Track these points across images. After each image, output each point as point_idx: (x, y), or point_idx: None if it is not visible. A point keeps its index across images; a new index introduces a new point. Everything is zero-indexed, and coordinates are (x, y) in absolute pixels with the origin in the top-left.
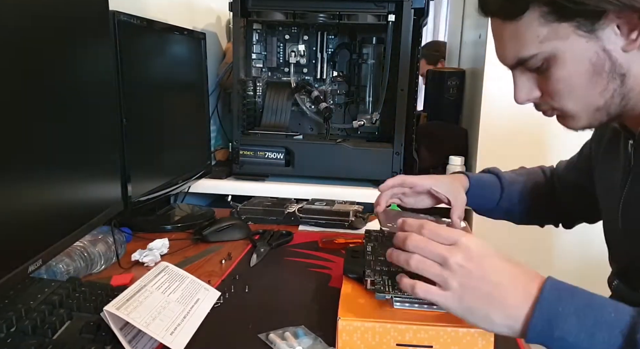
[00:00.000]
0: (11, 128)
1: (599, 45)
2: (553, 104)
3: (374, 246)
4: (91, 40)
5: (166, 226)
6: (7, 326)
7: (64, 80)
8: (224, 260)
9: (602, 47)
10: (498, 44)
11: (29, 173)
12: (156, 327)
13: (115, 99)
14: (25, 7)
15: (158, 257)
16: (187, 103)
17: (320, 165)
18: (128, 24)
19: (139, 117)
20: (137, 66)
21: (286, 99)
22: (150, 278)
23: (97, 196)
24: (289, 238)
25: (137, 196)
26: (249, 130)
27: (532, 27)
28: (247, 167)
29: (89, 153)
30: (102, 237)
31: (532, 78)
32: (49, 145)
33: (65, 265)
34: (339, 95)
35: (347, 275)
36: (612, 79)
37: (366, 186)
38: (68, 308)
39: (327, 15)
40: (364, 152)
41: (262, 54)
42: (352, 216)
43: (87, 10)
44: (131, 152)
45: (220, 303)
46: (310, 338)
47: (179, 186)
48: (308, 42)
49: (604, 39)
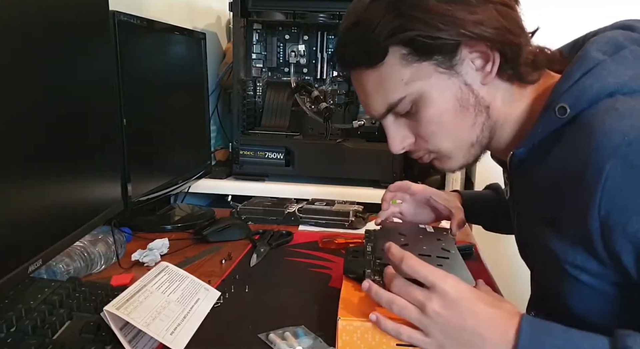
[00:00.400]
0: (11, 128)
1: (460, 80)
2: (428, 147)
3: (374, 246)
4: (91, 40)
5: (166, 226)
6: (7, 326)
7: (64, 80)
8: (224, 260)
9: (463, 82)
10: (364, 95)
11: (29, 173)
12: (156, 327)
13: (115, 99)
14: (25, 7)
15: (158, 257)
16: (187, 103)
17: (320, 165)
18: (128, 24)
19: (139, 117)
20: (137, 66)
21: (286, 99)
22: (150, 278)
23: (97, 196)
24: (289, 238)
25: (137, 196)
26: (249, 130)
27: (395, 70)
28: (247, 167)
29: (89, 153)
30: (102, 237)
31: (403, 124)
32: (49, 145)
33: (65, 265)
34: (339, 95)
35: (347, 275)
36: (479, 112)
37: (366, 186)
38: (68, 308)
39: (327, 15)
40: (364, 152)
41: (262, 54)
42: (352, 216)
43: (87, 10)
44: (131, 152)
45: (220, 303)
46: (310, 338)
47: (179, 186)
48: (308, 42)
49: (463, 74)
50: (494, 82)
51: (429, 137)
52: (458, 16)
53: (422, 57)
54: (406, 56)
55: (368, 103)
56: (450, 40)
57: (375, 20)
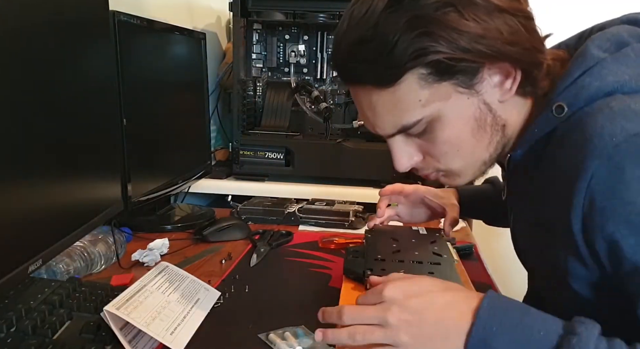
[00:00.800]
0: (11, 128)
1: (479, 99)
2: (438, 166)
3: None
4: (91, 40)
5: (166, 226)
6: (7, 326)
7: (64, 80)
8: (224, 260)
9: (482, 101)
10: (371, 114)
11: (29, 173)
12: (156, 327)
13: (115, 99)
14: (25, 7)
15: (158, 257)
16: (187, 103)
17: (320, 165)
18: (128, 24)
19: (139, 117)
20: (137, 66)
21: (286, 99)
22: (150, 278)
23: (97, 196)
24: (289, 238)
25: (137, 196)
26: (249, 130)
27: (412, 91)
28: (247, 167)
29: (89, 153)
30: (102, 237)
31: (412, 143)
32: (49, 145)
33: (65, 265)
34: (339, 95)
35: (347, 275)
36: (495, 132)
37: (366, 186)
38: (68, 308)
39: (327, 15)
40: (364, 152)
41: (262, 54)
42: (352, 216)
43: (87, 10)
44: (131, 152)
45: (220, 303)
46: (310, 338)
47: (179, 186)
48: (308, 42)
49: (482, 92)
50: (511, 98)
51: (440, 156)
52: (487, 35)
53: (443, 77)
54: (426, 77)
55: (376, 123)
56: (477, 61)
57: (393, 37)
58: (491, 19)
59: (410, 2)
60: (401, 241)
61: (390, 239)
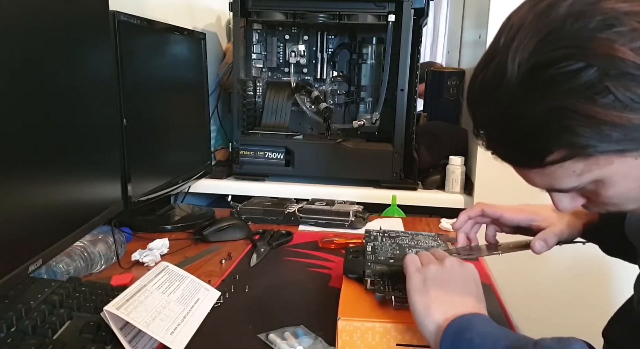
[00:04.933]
0: (11, 128)
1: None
2: (607, 209)
3: (374, 246)
4: (91, 40)
5: (166, 226)
6: (7, 326)
7: (63, 80)
8: (224, 260)
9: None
10: (524, 177)
11: (29, 173)
12: (156, 327)
13: (115, 99)
14: (25, 7)
15: (158, 257)
16: (187, 103)
17: (320, 165)
18: (128, 24)
19: (139, 117)
20: (137, 66)
21: (286, 99)
22: (150, 278)
23: (97, 196)
24: (289, 238)
25: (137, 196)
26: (249, 130)
27: (565, 166)
28: (247, 167)
29: (89, 153)
30: (102, 237)
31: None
32: (49, 145)
33: (65, 265)
34: (339, 95)
35: (347, 275)
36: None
37: (366, 186)
38: (68, 308)
39: (327, 15)
40: (364, 152)
41: (262, 54)
42: (352, 216)
43: (87, 10)
44: (131, 152)
45: (220, 303)
46: (310, 338)
47: (179, 186)
48: (308, 42)
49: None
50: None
51: (608, 206)
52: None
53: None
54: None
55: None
56: None
57: (533, 123)
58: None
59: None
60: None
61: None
